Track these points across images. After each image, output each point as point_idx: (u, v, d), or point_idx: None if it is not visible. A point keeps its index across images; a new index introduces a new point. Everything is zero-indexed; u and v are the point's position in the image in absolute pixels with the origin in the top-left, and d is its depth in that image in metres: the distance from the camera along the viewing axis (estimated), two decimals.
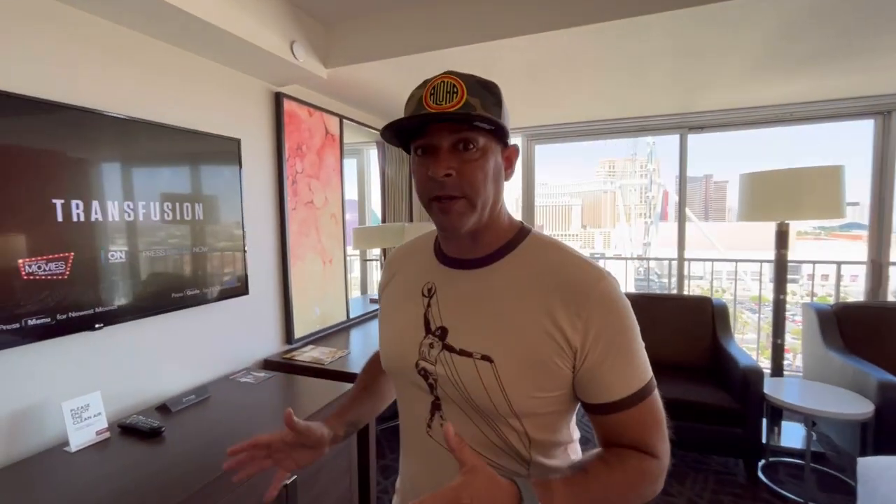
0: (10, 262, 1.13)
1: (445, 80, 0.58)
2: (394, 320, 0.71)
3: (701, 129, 3.12)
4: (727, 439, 2.17)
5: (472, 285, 0.63)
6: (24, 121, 1.15)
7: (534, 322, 0.57)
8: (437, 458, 0.64)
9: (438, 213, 0.59)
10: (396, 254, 0.79)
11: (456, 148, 0.57)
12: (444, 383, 0.61)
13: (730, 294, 9.39)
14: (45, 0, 1.24)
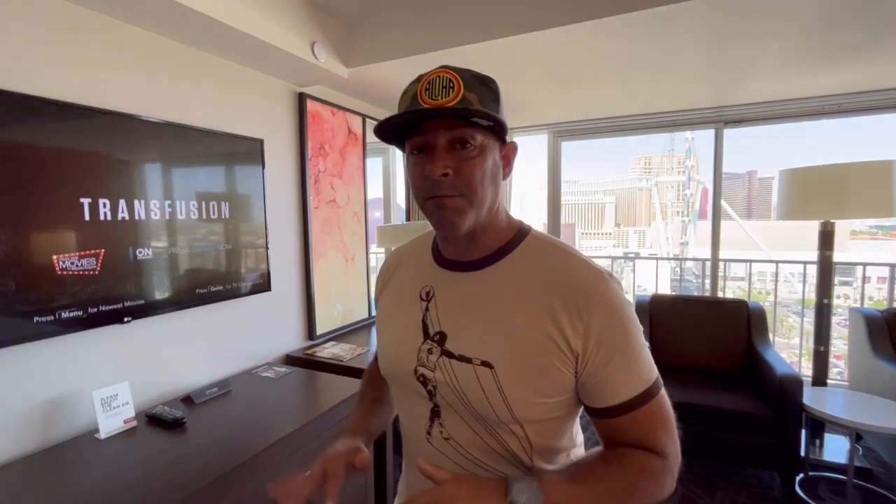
0: (46, 258, 1.20)
1: (441, 74, 0.55)
2: (391, 325, 0.69)
3: (738, 124, 2.96)
4: (761, 450, 2.05)
5: (471, 288, 0.61)
6: (60, 125, 1.22)
7: (534, 326, 0.55)
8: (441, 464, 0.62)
9: (435, 213, 0.57)
10: (393, 256, 0.77)
11: (453, 146, 0.55)
12: (443, 390, 0.59)
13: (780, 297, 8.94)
14: (78, 9, 1.31)
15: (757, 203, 67.31)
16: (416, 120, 0.55)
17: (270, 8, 1.64)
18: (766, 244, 16.77)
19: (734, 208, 51.26)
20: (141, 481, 1.09)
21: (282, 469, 1.32)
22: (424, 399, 0.62)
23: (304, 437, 1.41)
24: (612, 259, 12.62)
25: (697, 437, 2.15)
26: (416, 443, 0.65)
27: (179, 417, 1.39)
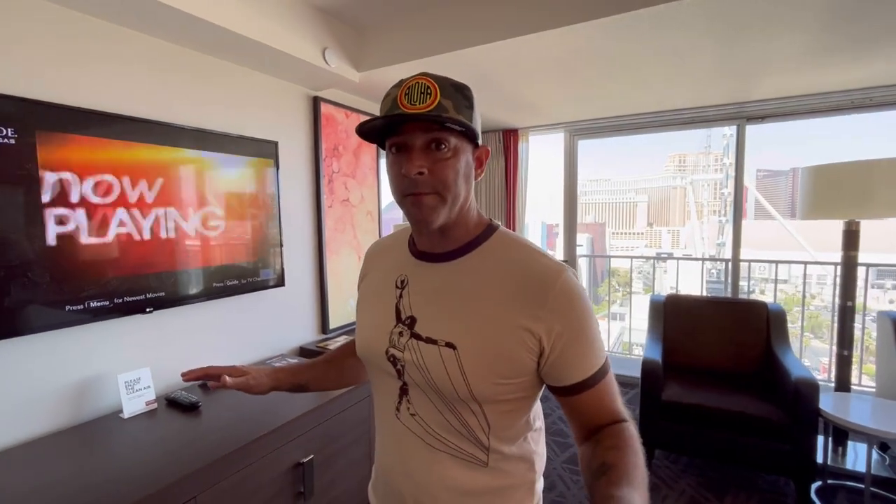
0: (78, 253, 1.32)
1: (420, 80, 0.60)
2: (369, 310, 0.75)
3: (761, 120, 2.86)
4: (775, 456, 1.99)
5: (441, 278, 0.66)
6: (94, 130, 1.34)
7: (499, 313, 0.61)
8: (405, 442, 0.68)
9: (411, 208, 0.62)
10: (374, 249, 0.83)
11: (428, 147, 0.60)
12: (410, 369, 0.65)
13: (820, 300, 8.47)
14: (106, 24, 1.43)
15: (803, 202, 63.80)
16: (395, 122, 0.60)
17: (283, 17, 1.73)
18: (813, 245, 15.84)
19: (776, 207, 48.76)
20: (159, 457, 1.20)
21: (288, 450, 1.41)
22: (394, 378, 0.68)
23: (310, 422, 1.49)
24: (645, 259, 12.26)
25: (709, 439, 2.11)
26: (387, 419, 0.71)
27: (195, 402, 1.50)
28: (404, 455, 0.69)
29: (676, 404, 2.18)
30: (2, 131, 1.16)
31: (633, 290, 4.73)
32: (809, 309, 11.90)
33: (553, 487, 2.15)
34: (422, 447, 0.66)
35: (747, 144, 2.96)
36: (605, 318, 5.00)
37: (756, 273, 3.31)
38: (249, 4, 1.59)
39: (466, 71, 2.13)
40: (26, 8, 1.25)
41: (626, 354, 4.62)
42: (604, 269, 17.96)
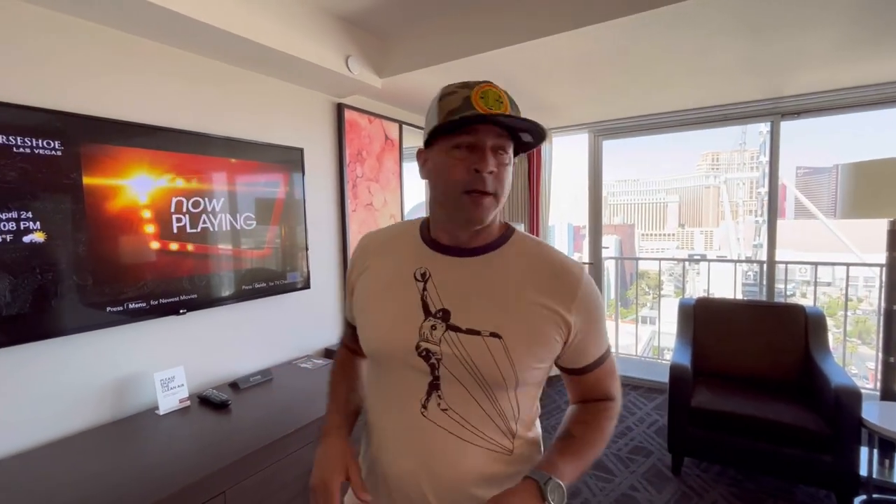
0: (118, 258, 1.40)
1: (491, 88, 0.64)
2: (383, 307, 0.71)
3: (797, 115, 2.74)
4: (816, 467, 1.90)
5: (471, 271, 0.69)
6: (130, 141, 1.42)
7: (535, 303, 0.66)
8: (432, 439, 0.67)
9: (469, 204, 0.64)
10: (369, 241, 0.79)
11: (494, 150, 0.64)
12: (449, 362, 0.65)
13: (868, 304, 7.99)
14: (143, 41, 1.51)
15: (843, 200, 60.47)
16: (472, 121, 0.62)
17: (309, 28, 1.78)
18: (859, 245, 14.95)
19: (818, 206, 46.42)
20: (191, 452, 1.26)
21: (312, 449, 1.44)
22: (424, 373, 0.67)
23: None
24: (676, 261, 11.88)
25: (743, 448, 2.03)
26: (407, 417, 0.68)
27: (225, 400, 1.56)
28: (430, 453, 0.67)
29: (707, 411, 2.11)
30: (49, 144, 1.24)
31: (664, 292, 4.59)
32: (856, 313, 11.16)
33: (577, 493, 2.11)
34: (451, 442, 0.66)
35: (785, 141, 2.84)
36: (634, 322, 4.88)
37: (796, 275, 3.16)
38: (279, 19, 1.65)
39: (488, 74, 2.14)
40: (73, 29, 1.34)
41: (655, 359, 4.49)
42: (632, 272, 17.42)
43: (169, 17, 1.36)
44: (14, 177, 1.17)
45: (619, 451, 2.48)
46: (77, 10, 1.30)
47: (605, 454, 2.44)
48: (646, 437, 2.64)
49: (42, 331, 1.25)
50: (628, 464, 2.35)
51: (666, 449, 2.38)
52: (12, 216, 1.17)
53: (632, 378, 3.51)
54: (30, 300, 1.21)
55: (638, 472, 2.27)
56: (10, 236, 1.17)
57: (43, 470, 1.16)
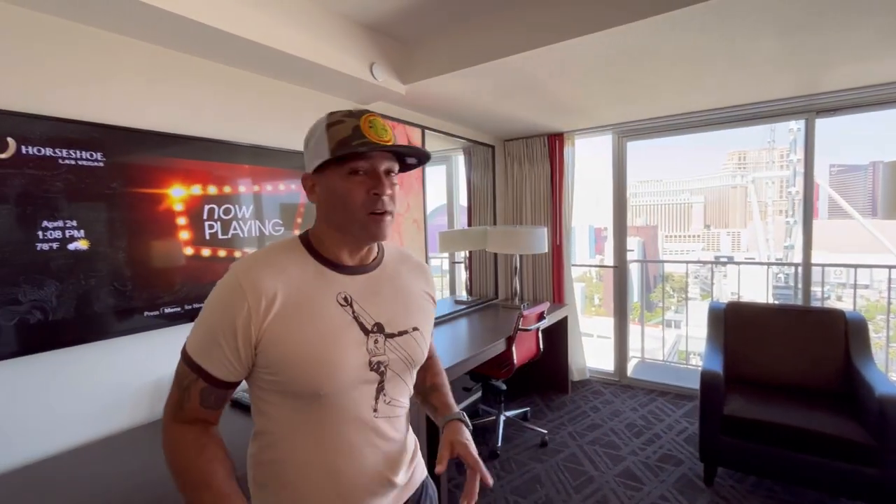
0: (155, 264, 1.45)
1: (376, 117, 0.71)
2: (317, 341, 0.68)
3: (833, 112, 2.64)
4: (859, 480, 1.81)
5: (378, 283, 0.79)
6: (164, 151, 1.47)
7: (420, 292, 0.85)
8: (382, 431, 0.76)
9: (372, 224, 0.71)
10: (259, 275, 0.68)
11: (386, 173, 0.73)
12: (394, 364, 0.76)
13: None
14: (178, 54, 1.57)
15: (885, 199, 57.53)
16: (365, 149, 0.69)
17: (334, 37, 1.82)
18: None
19: (854, 205, 44.58)
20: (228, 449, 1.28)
21: None
22: (372, 383, 0.74)
23: None
24: (702, 264, 11.55)
25: (780, 459, 1.96)
26: (360, 429, 0.73)
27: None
28: (384, 440, 0.76)
29: (741, 420, 2.04)
30: (92, 155, 1.29)
31: (690, 295, 4.48)
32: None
33: (605, 502, 2.07)
34: (394, 423, 0.78)
35: (818, 138, 2.74)
36: (658, 326, 4.75)
37: (830, 278, 3.04)
38: (305, 29, 1.68)
39: (511, 77, 2.13)
40: (113, 45, 1.40)
41: (682, 364, 4.38)
42: (656, 274, 17.12)
43: (201, 31, 1.40)
44: (60, 187, 1.23)
45: (648, 458, 2.43)
46: (118, 26, 1.35)
47: (632, 461, 2.39)
48: (675, 444, 2.57)
49: (85, 334, 1.30)
50: (657, 472, 2.30)
51: (697, 458, 2.32)
52: (58, 225, 1.23)
53: (658, 384, 3.43)
54: (74, 305, 1.26)
55: (668, 482, 2.21)
56: (56, 244, 1.22)
57: (87, 467, 1.20)
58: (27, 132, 1.17)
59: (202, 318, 0.69)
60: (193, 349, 0.68)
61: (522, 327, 2.49)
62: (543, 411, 3.09)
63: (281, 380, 0.68)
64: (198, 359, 0.67)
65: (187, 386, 0.68)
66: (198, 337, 0.68)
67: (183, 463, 0.67)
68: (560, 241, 3.48)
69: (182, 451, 0.67)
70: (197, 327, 0.69)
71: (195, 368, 0.67)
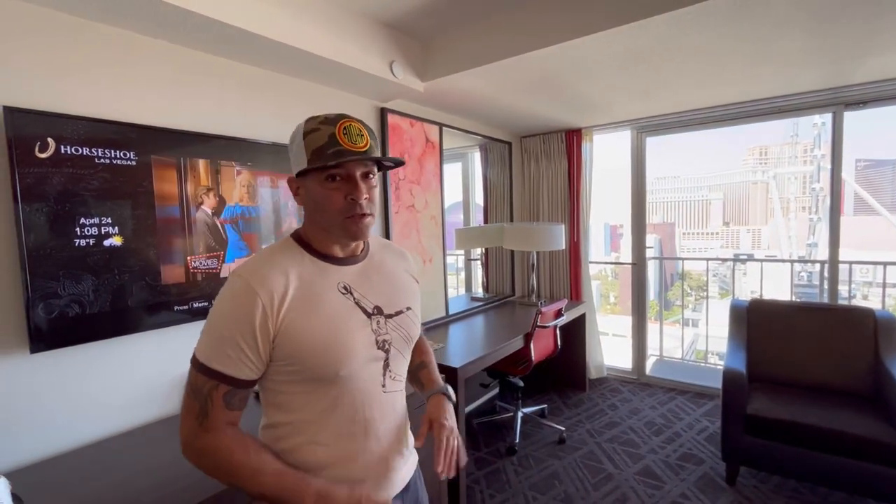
0: (183, 260, 1.49)
1: (352, 123, 0.75)
2: (329, 327, 0.73)
3: (863, 105, 2.57)
4: (887, 482, 1.77)
5: (370, 270, 0.85)
6: (190, 149, 1.51)
7: (405, 277, 0.91)
8: (391, 405, 0.83)
9: (352, 226, 0.75)
10: (264, 276, 0.71)
11: (362, 177, 0.75)
12: (396, 342, 0.82)
13: None
14: (200, 55, 1.60)
15: None
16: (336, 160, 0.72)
17: (355, 36, 1.83)
18: None
19: (881, 201, 43.10)
20: None
21: None
22: (380, 360, 0.80)
23: None
24: (721, 261, 11.29)
25: (806, 459, 1.92)
26: (372, 404, 0.79)
27: None
28: (394, 415, 0.84)
29: (765, 419, 2.01)
30: (126, 154, 1.34)
31: (708, 294, 4.40)
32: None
33: (625, 500, 2.06)
34: (399, 397, 0.86)
35: (848, 133, 2.67)
36: (676, 324, 4.69)
37: (857, 276, 2.96)
38: (326, 28, 1.71)
39: (529, 74, 2.13)
40: (140, 47, 1.44)
41: (700, 363, 4.32)
42: (673, 272, 16.79)
43: (226, 31, 1.44)
44: (96, 185, 1.27)
45: (668, 457, 2.40)
46: (147, 28, 1.39)
47: (652, 460, 2.37)
48: (695, 443, 2.54)
49: (119, 327, 1.35)
50: (678, 471, 2.27)
51: (719, 457, 2.29)
52: (95, 222, 1.27)
53: (678, 382, 3.39)
54: (109, 299, 1.31)
55: (689, 481, 2.19)
56: (93, 240, 1.27)
57: (121, 456, 1.25)
58: (66, 132, 1.22)
59: (213, 326, 0.70)
60: (208, 357, 0.69)
61: (540, 324, 2.49)
62: (561, 408, 3.08)
63: (300, 368, 0.72)
64: (215, 365, 0.68)
65: (207, 394, 0.68)
66: (211, 344, 0.69)
67: (233, 464, 0.68)
68: (577, 237, 3.46)
69: (227, 456, 0.69)
70: (208, 336, 0.70)
71: (213, 375, 0.68)
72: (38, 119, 1.18)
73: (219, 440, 0.69)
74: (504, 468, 2.37)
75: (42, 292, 1.18)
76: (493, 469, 2.37)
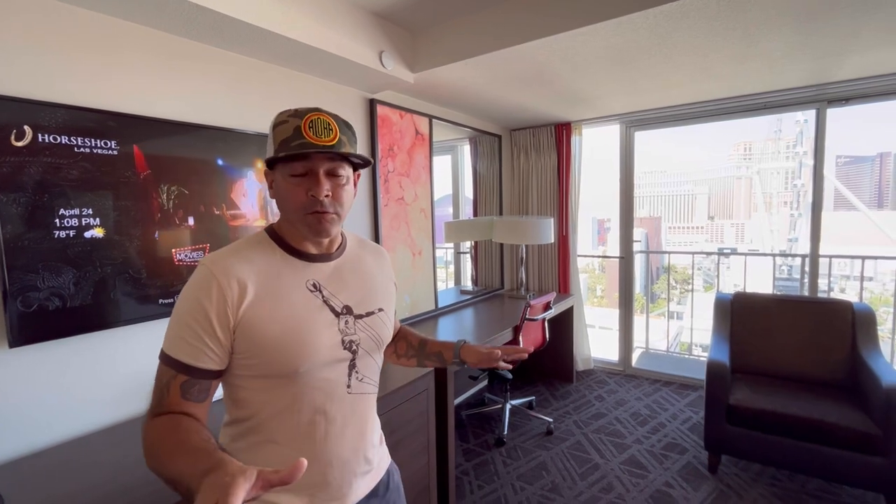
0: (167, 252, 1.46)
1: (320, 117, 0.72)
2: (291, 324, 0.71)
3: (846, 102, 2.62)
4: (863, 469, 1.83)
5: (343, 269, 0.82)
6: (174, 140, 1.47)
7: (382, 277, 0.90)
8: (357, 407, 0.81)
9: (314, 223, 0.73)
10: (228, 270, 0.69)
11: (328, 174, 0.72)
12: (365, 343, 0.80)
13: None
14: (184, 41, 1.56)
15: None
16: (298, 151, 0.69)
17: (344, 25, 1.80)
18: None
19: (860, 197, 44.22)
20: None
21: None
22: (345, 361, 0.78)
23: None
24: (705, 255, 11.53)
25: (785, 448, 1.98)
26: (333, 404, 0.77)
27: None
28: (360, 418, 0.82)
29: (746, 409, 2.06)
30: (107, 144, 1.30)
31: (693, 287, 4.48)
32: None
33: (611, 489, 2.10)
34: (367, 400, 0.83)
35: (827, 129, 2.72)
36: (661, 317, 4.76)
37: (835, 270, 3.04)
38: (314, 16, 1.67)
39: (519, 66, 2.12)
40: (119, 32, 1.39)
41: (685, 355, 4.40)
42: (658, 266, 16.86)
43: (212, 18, 1.40)
44: (76, 175, 1.23)
45: (653, 447, 2.45)
46: (129, 13, 1.35)
47: (637, 449, 2.42)
48: (679, 433, 2.60)
49: (102, 321, 1.32)
50: (662, 460, 2.32)
51: (702, 446, 2.34)
52: (75, 213, 1.23)
53: (663, 374, 3.45)
54: (91, 292, 1.28)
55: (672, 469, 2.24)
56: (73, 232, 1.23)
57: (101, 453, 1.23)
58: (43, 120, 1.18)
59: (176, 315, 0.69)
60: (168, 347, 0.68)
61: (529, 317, 2.50)
62: (549, 400, 3.12)
63: (258, 363, 0.70)
64: (175, 354, 0.66)
65: (166, 383, 0.66)
66: (172, 333, 0.68)
67: (155, 443, 0.61)
68: (566, 231, 3.48)
69: (154, 433, 0.62)
70: (171, 326, 0.69)
71: (172, 364, 0.66)
72: (14, 106, 1.13)
73: (158, 422, 0.63)
74: (492, 459, 2.40)
75: (20, 285, 1.15)
76: (482, 460, 2.39)
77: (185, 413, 0.66)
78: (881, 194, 56.69)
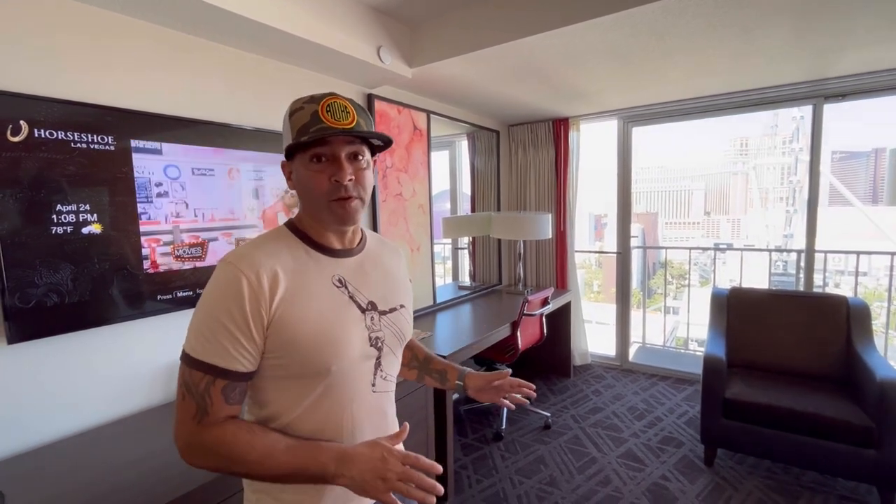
0: (167, 247, 1.45)
1: (337, 101, 0.70)
2: (323, 320, 0.70)
3: (842, 98, 2.63)
4: (857, 462, 1.86)
5: (366, 265, 0.81)
6: (172, 135, 1.47)
7: (401, 276, 0.88)
8: (380, 406, 0.80)
9: (338, 210, 0.71)
10: (257, 265, 0.67)
11: (349, 158, 0.71)
12: (389, 339, 0.79)
13: None
14: (174, 33, 1.55)
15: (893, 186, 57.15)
16: (318, 135, 0.67)
17: (342, 19, 1.79)
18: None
19: (854, 193, 44.45)
20: None
21: None
22: (372, 358, 0.77)
23: None
24: (702, 250, 11.57)
25: (780, 441, 2.00)
26: (357, 404, 0.75)
27: None
28: (382, 416, 0.80)
29: (742, 403, 2.08)
30: (104, 139, 1.29)
31: (690, 282, 4.51)
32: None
33: (608, 482, 2.12)
34: (388, 398, 0.82)
35: (824, 124, 2.73)
36: (658, 312, 4.79)
37: (830, 265, 3.06)
38: (312, 10, 1.66)
39: (518, 62, 2.11)
40: (114, 27, 1.38)
41: (681, 350, 4.43)
42: (654, 261, 16.88)
43: (206, 11, 1.39)
44: (73, 171, 1.23)
45: (649, 440, 2.47)
46: (126, 7, 1.34)
47: (633, 443, 2.44)
48: (676, 427, 2.62)
49: (100, 317, 1.31)
50: (658, 454, 2.34)
51: (698, 440, 2.37)
52: (72, 209, 1.23)
53: (659, 368, 3.47)
54: (89, 288, 1.28)
55: (669, 463, 2.26)
56: (70, 227, 1.23)
57: (104, 448, 1.23)
58: (40, 115, 1.17)
59: (203, 317, 0.65)
60: (200, 351, 0.64)
61: (527, 312, 2.51)
62: (546, 395, 3.14)
63: (288, 362, 0.68)
64: (209, 359, 0.64)
65: (204, 390, 0.64)
66: (203, 337, 0.65)
67: (240, 452, 0.64)
68: (564, 227, 3.48)
69: (232, 445, 0.64)
70: (198, 328, 0.65)
71: (208, 369, 0.64)
72: (10, 101, 1.12)
73: (222, 432, 0.65)
74: (491, 454, 2.41)
75: (18, 281, 1.14)
76: (480, 455, 2.40)
77: (231, 417, 0.66)
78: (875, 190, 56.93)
